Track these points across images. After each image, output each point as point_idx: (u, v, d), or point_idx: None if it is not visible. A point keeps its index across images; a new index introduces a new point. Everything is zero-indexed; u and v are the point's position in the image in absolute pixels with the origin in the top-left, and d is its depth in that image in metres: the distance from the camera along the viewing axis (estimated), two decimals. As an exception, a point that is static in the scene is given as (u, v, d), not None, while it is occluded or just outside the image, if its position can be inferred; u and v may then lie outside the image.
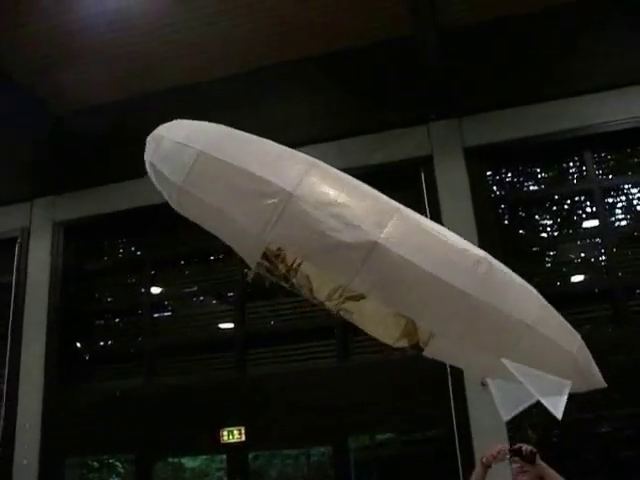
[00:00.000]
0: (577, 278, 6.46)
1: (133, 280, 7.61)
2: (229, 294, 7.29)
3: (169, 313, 7.59)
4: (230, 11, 6.22)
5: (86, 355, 7.66)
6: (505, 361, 2.39)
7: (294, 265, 2.23)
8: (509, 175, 6.82)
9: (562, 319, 2.66)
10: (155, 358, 7.22)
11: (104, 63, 6.75)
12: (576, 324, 5.99)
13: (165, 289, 7.65)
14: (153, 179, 2.33)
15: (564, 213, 6.62)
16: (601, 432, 6.02)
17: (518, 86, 6.69)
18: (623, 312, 6.10)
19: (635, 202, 6.49)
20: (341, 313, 2.40)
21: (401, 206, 2.45)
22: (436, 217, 6.47)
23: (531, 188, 6.76)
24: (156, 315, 7.47)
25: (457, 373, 6.02)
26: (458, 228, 6.37)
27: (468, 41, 6.81)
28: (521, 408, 2.58)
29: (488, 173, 6.75)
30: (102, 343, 7.66)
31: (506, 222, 6.69)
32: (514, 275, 2.64)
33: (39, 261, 7.72)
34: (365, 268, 2.18)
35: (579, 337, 2.66)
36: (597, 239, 6.43)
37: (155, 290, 7.56)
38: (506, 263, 6.19)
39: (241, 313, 7.06)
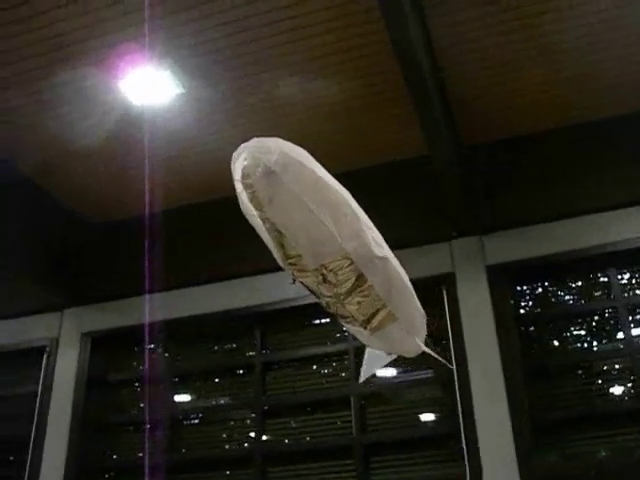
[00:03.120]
0: (604, 398, 6.28)
1: (153, 393, 7.61)
2: (249, 411, 7.24)
3: (188, 427, 7.51)
4: (249, 131, 6.56)
5: (105, 468, 7.58)
6: (417, 339, 3.34)
7: (347, 270, 2.82)
8: (532, 292, 6.80)
9: None
10: (172, 473, 7.11)
11: (138, 180, 7.01)
12: (603, 446, 5.89)
13: (185, 403, 7.63)
14: (260, 182, 2.58)
15: (589, 331, 6.53)
16: None
17: (540, 203, 6.76)
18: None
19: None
20: (340, 307, 3.06)
21: None
22: (458, 335, 6.46)
23: (555, 305, 6.70)
24: (176, 428, 7.42)
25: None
26: (480, 345, 6.43)
27: (488, 158, 6.98)
28: (372, 372, 3.85)
29: (510, 290, 6.73)
30: (121, 456, 7.58)
31: (529, 340, 6.61)
32: None
33: (65, 371, 7.80)
34: (383, 273, 2.90)
35: None
36: (624, 357, 6.31)
37: (176, 403, 7.56)
38: (528, 381, 6.16)
39: (260, 430, 6.99)
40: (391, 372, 6.86)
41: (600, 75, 6.28)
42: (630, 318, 6.37)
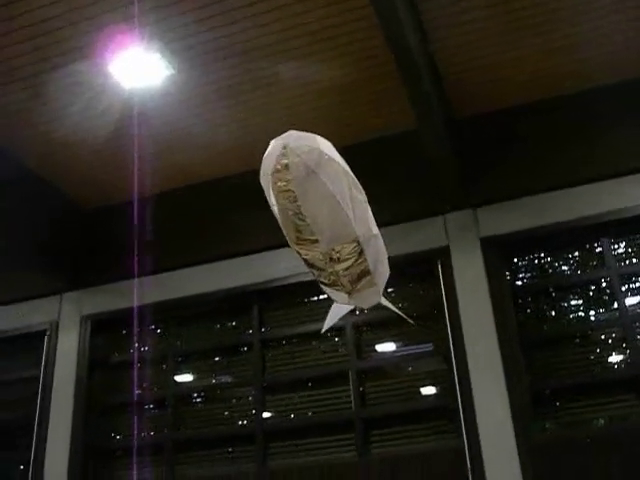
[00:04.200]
0: (599, 367, 6.33)
1: (154, 374, 7.68)
2: (249, 388, 7.30)
3: (190, 406, 7.59)
4: (239, 112, 6.71)
5: (109, 448, 7.68)
6: (382, 297, 3.54)
7: (352, 250, 2.98)
8: (527, 264, 6.83)
9: None
10: (175, 451, 7.24)
11: (130, 164, 7.03)
12: (599, 414, 5.96)
13: (186, 382, 7.70)
14: (298, 179, 2.67)
15: (584, 301, 6.57)
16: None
17: (533, 174, 6.77)
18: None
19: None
20: (335, 278, 3.17)
21: None
22: (454, 307, 6.51)
23: (549, 276, 6.75)
24: (178, 407, 7.50)
25: (478, 463, 5.95)
26: (476, 317, 6.48)
27: (480, 131, 7.00)
28: (334, 321, 3.93)
29: (505, 262, 6.76)
30: (124, 436, 7.66)
31: (524, 311, 6.66)
32: None
33: (66, 354, 7.89)
34: (375, 248, 3.11)
35: None
36: (619, 327, 6.36)
37: (176, 383, 7.65)
38: (524, 352, 6.24)
39: (261, 406, 7.07)
40: (389, 347, 6.93)
41: (591, 44, 6.26)
42: (624, 288, 6.42)
